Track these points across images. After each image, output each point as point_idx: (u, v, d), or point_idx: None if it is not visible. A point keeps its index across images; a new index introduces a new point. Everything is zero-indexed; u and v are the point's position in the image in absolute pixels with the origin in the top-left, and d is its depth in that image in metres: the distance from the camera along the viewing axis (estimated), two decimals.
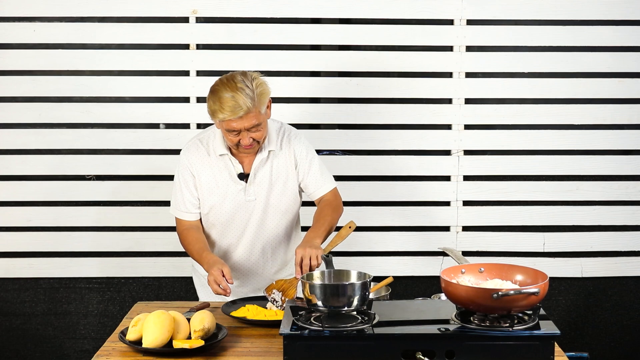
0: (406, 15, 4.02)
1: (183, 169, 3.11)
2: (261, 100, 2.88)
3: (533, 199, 4.14)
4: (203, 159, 3.08)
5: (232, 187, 3.07)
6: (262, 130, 2.95)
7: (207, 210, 3.11)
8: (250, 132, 2.91)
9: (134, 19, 4.00)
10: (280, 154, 3.10)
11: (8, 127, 4.05)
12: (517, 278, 2.52)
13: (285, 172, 3.11)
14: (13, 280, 4.12)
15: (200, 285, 3.33)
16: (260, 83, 2.90)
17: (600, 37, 4.06)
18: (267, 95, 2.92)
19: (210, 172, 3.07)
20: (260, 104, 2.88)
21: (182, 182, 3.11)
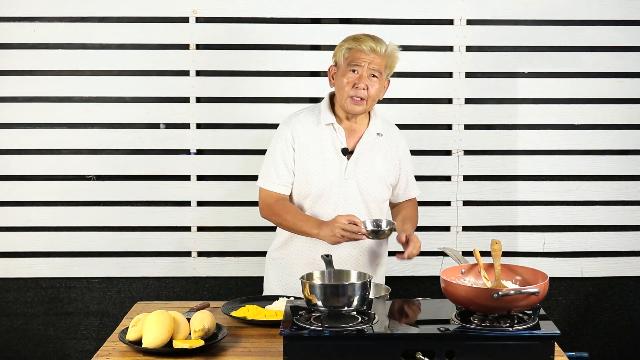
0: (406, 15, 4.03)
1: (283, 142, 3.05)
2: (391, 57, 3.01)
3: (533, 199, 4.14)
4: (308, 127, 3.05)
5: (334, 161, 3.02)
6: (377, 87, 2.99)
7: (304, 181, 3.02)
8: (368, 79, 2.95)
9: (134, 19, 4.00)
10: (386, 142, 3.11)
11: (8, 127, 4.05)
12: (517, 278, 2.52)
13: (388, 161, 3.10)
14: (13, 280, 4.12)
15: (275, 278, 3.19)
16: (395, 48, 3.02)
17: (600, 37, 4.06)
18: (396, 62, 3.05)
19: (314, 140, 3.02)
20: (389, 58, 3.00)
21: (279, 155, 3.04)
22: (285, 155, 3.05)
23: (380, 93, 3.05)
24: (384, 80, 3.05)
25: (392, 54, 3.01)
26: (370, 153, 3.08)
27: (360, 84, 2.96)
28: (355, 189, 3.06)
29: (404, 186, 3.22)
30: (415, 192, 3.27)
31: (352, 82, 2.97)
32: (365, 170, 3.07)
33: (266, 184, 3.08)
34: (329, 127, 3.06)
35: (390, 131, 3.17)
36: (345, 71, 2.99)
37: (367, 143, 3.08)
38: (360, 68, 2.97)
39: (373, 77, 2.98)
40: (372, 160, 3.08)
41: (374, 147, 3.09)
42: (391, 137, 3.16)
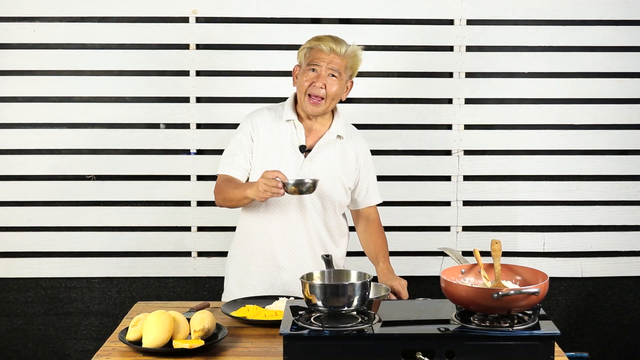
0: (406, 15, 4.03)
1: (242, 133, 3.08)
2: (352, 59, 3.02)
3: (533, 199, 4.15)
4: (267, 122, 3.07)
5: (290, 157, 3.04)
6: (336, 87, 2.99)
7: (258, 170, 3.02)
8: (327, 78, 2.97)
9: (134, 19, 4.00)
10: (346, 145, 3.11)
11: (8, 127, 4.05)
12: (517, 278, 2.52)
13: (345, 164, 3.10)
14: (13, 280, 4.12)
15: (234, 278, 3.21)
16: (358, 49, 3.04)
17: (599, 37, 4.06)
18: (358, 63, 3.06)
19: (272, 136, 3.04)
20: (349, 61, 3.02)
21: (236, 143, 3.07)
22: (242, 144, 3.06)
23: (340, 93, 3.05)
24: (345, 81, 3.05)
25: (353, 55, 3.02)
26: (328, 153, 3.08)
27: (318, 82, 2.98)
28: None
29: (364, 192, 3.21)
30: (376, 199, 3.26)
31: (311, 80, 2.99)
32: (321, 169, 3.07)
33: (220, 169, 3.08)
34: (289, 123, 3.08)
35: (351, 135, 3.16)
36: (305, 70, 3.01)
37: (327, 143, 3.08)
38: (319, 67, 2.99)
39: (332, 77, 2.99)
40: (329, 160, 3.08)
41: (332, 148, 3.09)
42: (352, 142, 3.15)
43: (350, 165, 3.13)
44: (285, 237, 3.09)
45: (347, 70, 3.03)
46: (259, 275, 3.14)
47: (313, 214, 3.08)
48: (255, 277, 3.15)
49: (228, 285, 3.24)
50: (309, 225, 3.09)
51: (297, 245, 3.10)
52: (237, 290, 3.18)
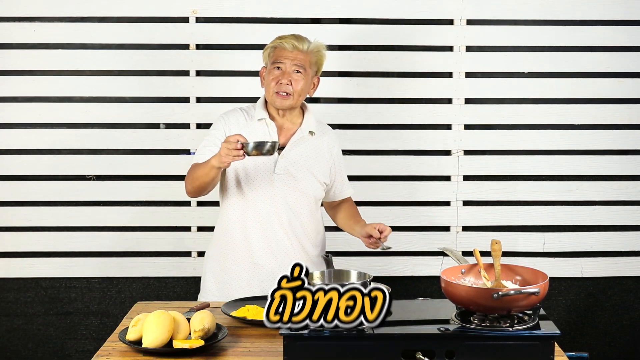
0: (406, 15, 4.03)
1: (218, 128, 3.11)
2: (316, 55, 3.09)
3: (533, 199, 4.14)
4: (240, 121, 3.12)
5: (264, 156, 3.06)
6: (302, 83, 3.05)
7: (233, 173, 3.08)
8: (292, 74, 3.02)
9: (134, 19, 4.00)
10: (318, 140, 3.17)
11: (8, 127, 4.05)
12: (517, 278, 2.52)
13: (319, 160, 3.15)
14: (13, 280, 4.12)
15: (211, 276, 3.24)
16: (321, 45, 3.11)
17: (599, 37, 4.06)
18: (322, 59, 3.13)
19: (245, 134, 3.03)
20: (313, 57, 3.08)
21: (211, 140, 3.08)
22: (217, 138, 3.08)
23: (306, 89, 3.11)
24: (311, 77, 3.11)
25: (316, 50, 3.09)
26: (301, 149, 3.13)
27: (283, 80, 3.03)
28: (285, 184, 3.10)
29: (339, 187, 3.29)
30: (349, 191, 3.34)
31: (277, 78, 3.05)
32: (296, 165, 3.11)
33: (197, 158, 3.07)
34: (261, 122, 3.12)
35: (323, 131, 3.22)
36: (271, 69, 3.08)
37: (299, 140, 3.13)
38: (284, 65, 3.05)
39: (297, 73, 3.05)
40: (302, 156, 3.13)
41: (305, 144, 3.14)
42: (325, 137, 3.21)
43: (323, 160, 3.18)
44: (260, 234, 3.12)
45: (311, 66, 3.09)
46: (236, 273, 3.17)
47: (288, 209, 3.12)
48: (232, 275, 3.18)
49: (205, 285, 3.27)
50: (284, 220, 3.12)
51: (274, 242, 3.13)
52: (215, 289, 3.21)
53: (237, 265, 3.17)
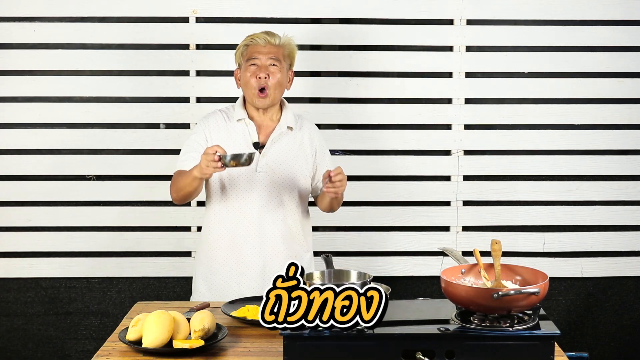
0: (406, 15, 4.03)
1: (197, 132, 3.15)
2: (289, 49, 3.15)
3: (533, 199, 4.15)
4: (220, 124, 3.15)
5: None
6: (279, 76, 3.09)
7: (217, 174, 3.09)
8: (269, 68, 3.06)
9: (134, 19, 4.00)
10: (298, 134, 3.19)
11: (8, 127, 4.05)
12: (517, 278, 2.52)
13: (301, 153, 3.17)
14: (13, 280, 4.12)
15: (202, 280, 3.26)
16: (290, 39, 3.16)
17: (599, 37, 4.06)
18: (293, 52, 3.17)
19: (225, 137, 3.11)
20: (286, 50, 3.14)
21: (192, 145, 3.12)
22: (198, 143, 3.12)
23: (284, 82, 3.14)
24: (286, 71, 3.15)
25: (287, 43, 3.15)
26: (281, 145, 3.14)
27: (261, 73, 3.07)
28: (269, 182, 3.11)
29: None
30: None
31: (254, 73, 3.08)
32: (277, 163, 3.12)
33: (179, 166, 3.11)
34: (240, 122, 3.15)
35: (301, 124, 3.24)
36: (247, 67, 3.11)
37: (279, 136, 3.15)
38: (259, 60, 3.09)
39: (273, 66, 3.09)
40: (284, 152, 3.14)
41: (286, 140, 3.16)
42: (304, 131, 3.22)
43: (306, 152, 3.19)
44: (246, 233, 3.13)
45: (285, 59, 3.14)
46: (225, 274, 3.18)
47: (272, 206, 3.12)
48: (221, 276, 3.19)
49: (196, 286, 3.27)
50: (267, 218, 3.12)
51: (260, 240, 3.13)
52: (205, 290, 3.22)
53: (225, 266, 3.17)
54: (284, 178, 3.13)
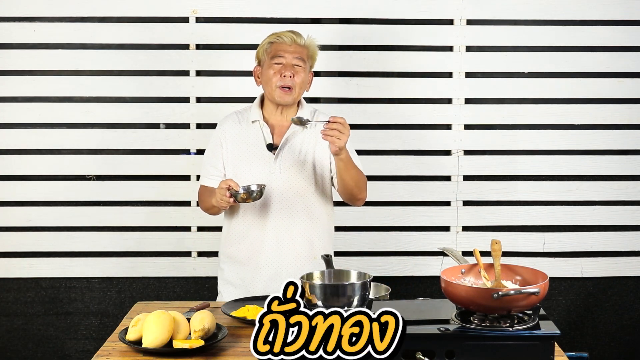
0: (406, 15, 4.03)
1: (214, 140, 3.17)
2: (312, 50, 3.12)
3: (533, 199, 4.15)
4: (234, 126, 3.14)
5: (259, 157, 3.07)
6: (302, 75, 3.07)
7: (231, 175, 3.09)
8: (294, 68, 3.04)
9: (134, 19, 4.00)
10: (313, 130, 3.11)
11: (8, 127, 4.05)
12: (517, 278, 2.52)
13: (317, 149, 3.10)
14: (13, 280, 4.12)
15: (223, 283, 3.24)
16: (314, 41, 3.13)
17: (599, 37, 4.06)
18: (316, 53, 3.15)
19: (239, 140, 3.09)
20: (310, 51, 3.11)
21: (210, 153, 3.17)
22: (214, 152, 3.15)
23: (306, 82, 3.12)
24: (308, 71, 3.13)
25: (311, 44, 3.12)
26: (296, 143, 3.10)
27: (286, 72, 3.04)
28: (284, 183, 3.08)
29: None
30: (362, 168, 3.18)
31: (279, 71, 3.05)
32: (291, 164, 3.08)
33: (201, 180, 3.20)
34: (255, 124, 3.13)
35: (316, 117, 3.15)
36: (270, 64, 3.07)
37: (293, 136, 3.10)
38: (284, 59, 3.06)
39: (298, 66, 3.06)
40: (299, 153, 3.09)
41: (301, 138, 3.11)
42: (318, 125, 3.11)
43: (324, 148, 3.11)
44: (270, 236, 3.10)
45: (309, 59, 3.12)
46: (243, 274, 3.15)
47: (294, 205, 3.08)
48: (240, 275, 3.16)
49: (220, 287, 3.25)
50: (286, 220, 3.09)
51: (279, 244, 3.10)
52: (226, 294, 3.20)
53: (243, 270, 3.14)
54: (298, 178, 3.08)
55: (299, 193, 3.09)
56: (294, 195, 3.09)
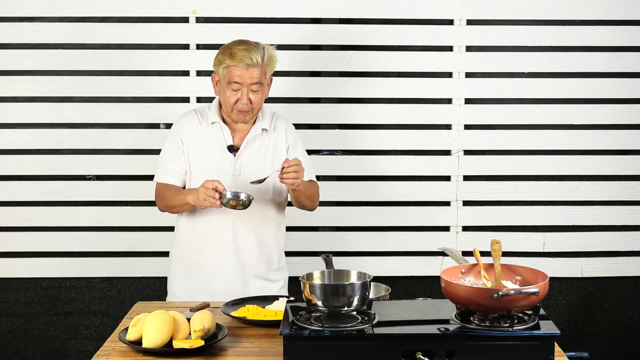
0: (406, 15, 4.03)
1: (173, 135, 3.14)
2: (269, 64, 3.02)
3: (533, 199, 4.15)
4: (194, 126, 3.12)
5: (220, 158, 3.09)
6: (260, 95, 3.03)
7: (192, 178, 3.10)
8: (251, 92, 2.99)
9: (134, 19, 4.00)
10: (272, 135, 3.15)
11: (8, 127, 4.05)
12: (517, 278, 2.52)
13: (277, 153, 3.14)
14: (13, 280, 4.12)
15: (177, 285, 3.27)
16: (271, 50, 3.03)
17: (600, 37, 4.06)
18: (275, 63, 3.05)
19: (200, 140, 3.09)
20: (267, 66, 3.02)
21: (169, 147, 3.13)
22: (173, 149, 3.12)
23: (264, 97, 3.08)
24: (267, 84, 3.08)
25: (269, 59, 3.01)
26: (255, 148, 3.12)
27: (243, 99, 3.00)
28: (243, 185, 3.08)
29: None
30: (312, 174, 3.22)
31: (235, 98, 3.01)
32: (251, 166, 3.10)
33: (157, 177, 3.15)
34: (215, 125, 3.12)
35: (276, 124, 3.18)
36: (226, 88, 3.01)
37: (253, 139, 3.12)
38: (241, 85, 2.99)
39: (256, 92, 3.01)
40: (257, 156, 3.12)
41: (260, 142, 3.13)
42: (278, 131, 3.17)
43: (281, 151, 3.16)
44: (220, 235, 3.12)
45: (267, 74, 3.04)
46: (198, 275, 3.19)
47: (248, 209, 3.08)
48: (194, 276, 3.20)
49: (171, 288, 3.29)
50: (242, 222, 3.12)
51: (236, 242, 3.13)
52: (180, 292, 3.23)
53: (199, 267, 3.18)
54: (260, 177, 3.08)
55: (262, 193, 3.12)
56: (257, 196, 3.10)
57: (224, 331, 2.60)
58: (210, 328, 2.57)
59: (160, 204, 3.15)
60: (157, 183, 3.15)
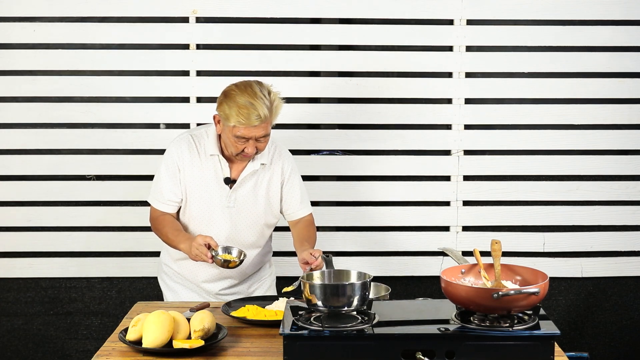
0: (406, 15, 4.03)
1: (170, 161, 3.10)
2: (275, 113, 2.96)
3: (533, 199, 4.15)
4: (193, 156, 3.09)
5: (216, 190, 3.08)
6: (267, 142, 3.00)
7: (186, 206, 3.11)
8: (257, 142, 2.95)
9: (134, 19, 4.00)
10: (270, 169, 3.14)
11: (8, 127, 4.05)
12: (517, 278, 2.52)
13: (271, 187, 3.14)
14: (13, 280, 4.12)
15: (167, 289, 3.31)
16: (276, 96, 2.94)
17: (600, 37, 4.06)
18: (280, 109, 2.98)
19: (197, 171, 3.08)
20: (273, 116, 2.96)
21: (166, 173, 3.10)
22: (170, 175, 3.09)
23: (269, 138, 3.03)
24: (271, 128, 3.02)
25: (276, 108, 2.95)
26: (253, 182, 3.11)
27: (248, 149, 2.95)
28: (237, 217, 3.10)
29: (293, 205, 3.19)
30: (308, 208, 3.24)
31: (241, 148, 2.96)
32: (247, 199, 3.10)
33: (153, 201, 3.15)
34: (213, 157, 3.08)
35: (272, 157, 3.14)
36: (231, 137, 2.94)
37: (251, 173, 3.09)
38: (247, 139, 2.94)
39: (262, 143, 2.97)
40: (254, 189, 3.11)
41: (256, 176, 3.11)
42: (278, 164, 3.14)
43: (276, 186, 3.15)
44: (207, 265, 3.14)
45: (274, 120, 2.98)
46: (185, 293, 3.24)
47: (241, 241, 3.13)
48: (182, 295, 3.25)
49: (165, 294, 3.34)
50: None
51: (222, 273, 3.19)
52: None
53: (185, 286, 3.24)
54: (252, 213, 3.12)
55: (248, 224, 3.14)
56: (244, 226, 3.13)
57: (224, 331, 2.60)
58: (210, 328, 2.57)
59: (154, 231, 3.16)
60: (153, 209, 3.15)
